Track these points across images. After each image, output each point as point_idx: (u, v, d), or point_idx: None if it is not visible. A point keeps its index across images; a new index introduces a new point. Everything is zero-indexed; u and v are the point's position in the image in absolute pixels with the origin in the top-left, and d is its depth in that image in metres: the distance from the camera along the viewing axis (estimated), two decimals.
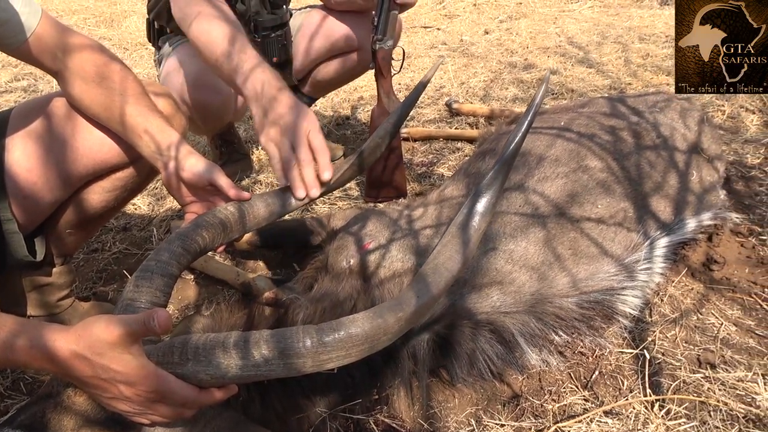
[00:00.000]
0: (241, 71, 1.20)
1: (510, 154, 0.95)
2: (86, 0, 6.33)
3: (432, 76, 1.30)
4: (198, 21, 1.32)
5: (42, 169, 1.19)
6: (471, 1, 4.79)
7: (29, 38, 1.11)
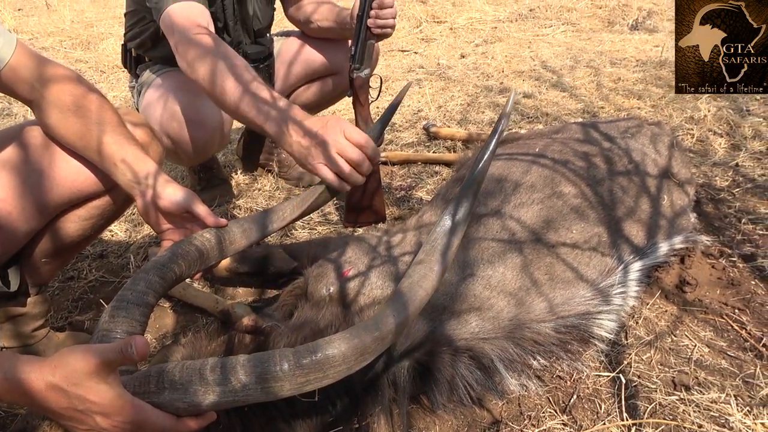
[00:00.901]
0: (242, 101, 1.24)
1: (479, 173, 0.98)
2: (62, 22, 6.30)
3: (401, 99, 1.34)
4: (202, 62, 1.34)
5: (17, 199, 1.18)
6: (447, 25, 4.88)
7: (3, 69, 1.11)
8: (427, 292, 0.91)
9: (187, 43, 1.39)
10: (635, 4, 4.92)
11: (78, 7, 7.59)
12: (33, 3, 8.18)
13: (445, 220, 0.97)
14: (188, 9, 1.47)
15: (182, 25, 1.43)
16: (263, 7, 1.92)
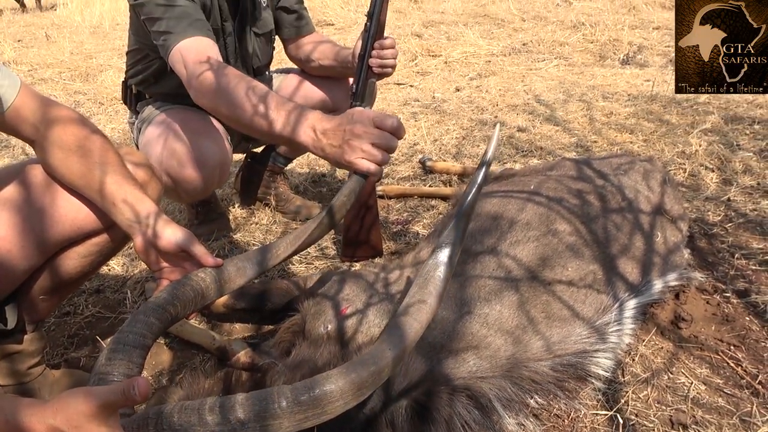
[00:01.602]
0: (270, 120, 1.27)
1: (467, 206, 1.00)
2: (61, 54, 6.38)
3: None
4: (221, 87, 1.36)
5: (17, 237, 1.19)
6: (442, 58, 4.96)
7: (7, 111, 1.13)
8: (421, 324, 0.92)
9: (201, 75, 1.40)
10: (626, 39, 5.03)
11: (77, 38, 7.70)
12: (33, 34, 8.29)
13: (436, 254, 0.98)
14: (197, 43, 1.50)
15: (193, 59, 1.45)
16: (263, 45, 1.96)
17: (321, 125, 1.19)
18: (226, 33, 1.82)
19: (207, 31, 1.56)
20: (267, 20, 1.93)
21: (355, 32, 6.69)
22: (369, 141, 1.13)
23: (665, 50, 4.79)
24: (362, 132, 1.13)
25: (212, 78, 1.38)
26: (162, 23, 1.55)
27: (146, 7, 1.58)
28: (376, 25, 1.73)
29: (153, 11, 1.57)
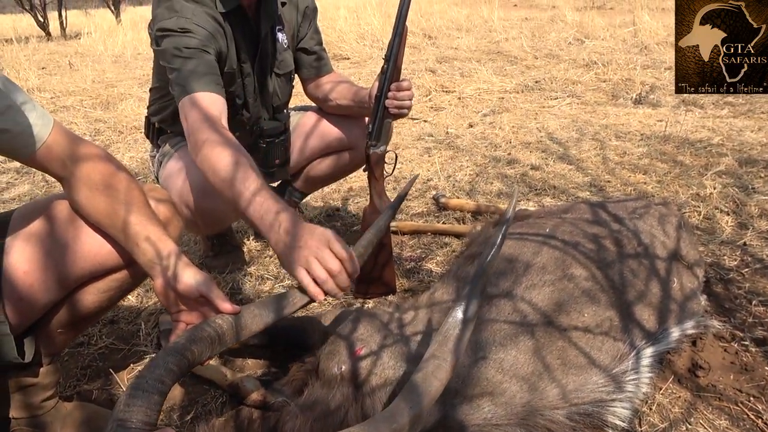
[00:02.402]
0: (244, 197, 1.29)
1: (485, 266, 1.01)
2: (83, 82, 6.53)
3: (408, 190, 1.39)
4: (206, 147, 1.41)
5: (39, 272, 1.21)
6: (456, 94, 5.03)
7: (40, 149, 1.16)
8: (441, 383, 0.92)
9: (194, 134, 1.50)
10: (638, 79, 5.07)
11: (99, 67, 7.89)
12: (57, 62, 8.51)
13: (456, 312, 0.99)
14: (201, 100, 1.57)
15: (193, 117, 1.54)
16: (283, 85, 2.01)
17: (286, 223, 1.22)
18: (244, 74, 1.87)
19: (215, 86, 1.64)
20: (287, 61, 1.98)
21: (370, 66, 6.80)
22: (316, 256, 1.15)
23: None
24: (314, 246, 1.15)
25: (200, 143, 1.46)
26: (176, 74, 1.63)
27: (164, 56, 1.67)
28: (393, 68, 1.76)
29: (170, 61, 1.65)
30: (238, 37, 1.80)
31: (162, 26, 1.65)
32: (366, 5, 10.38)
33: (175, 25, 1.64)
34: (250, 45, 1.86)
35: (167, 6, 1.68)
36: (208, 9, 1.71)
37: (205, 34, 1.66)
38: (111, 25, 14.06)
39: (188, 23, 1.64)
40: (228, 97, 1.76)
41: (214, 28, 1.69)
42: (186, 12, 1.66)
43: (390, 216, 1.39)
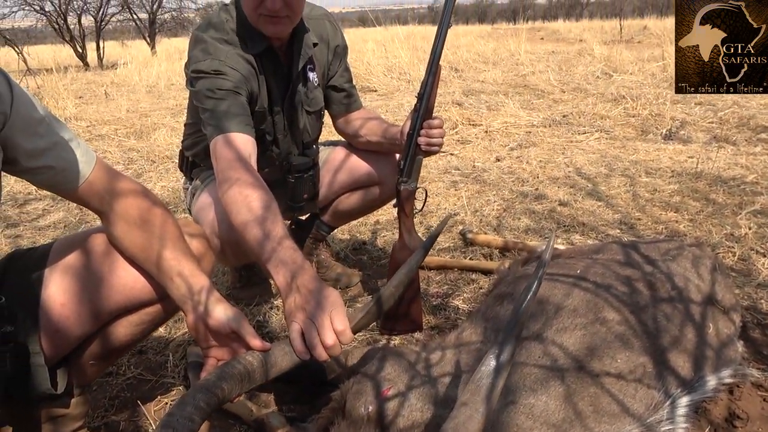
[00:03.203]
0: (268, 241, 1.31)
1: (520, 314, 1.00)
2: (118, 111, 6.74)
3: (441, 230, 1.39)
4: (233, 187, 1.46)
5: (75, 305, 1.23)
6: (482, 128, 5.05)
7: (82, 185, 1.20)
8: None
9: (223, 173, 1.55)
10: (668, 114, 5.04)
11: (134, 97, 8.13)
12: (93, 91, 8.81)
13: (489, 360, 0.97)
14: (231, 140, 1.62)
15: (224, 156, 1.59)
16: (313, 122, 2.04)
17: (298, 277, 1.22)
18: (275, 112, 1.91)
19: (246, 126, 1.68)
20: (318, 98, 2.02)
21: (397, 98, 6.89)
22: (317, 321, 1.14)
23: (708, 126, 4.77)
24: (318, 313, 1.15)
25: (228, 182, 1.50)
26: (208, 114, 1.68)
27: (198, 97, 1.72)
28: (426, 106, 1.79)
29: (204, 102, 1.70)
30: (269, 77, 1.85)
31: (197, 68, 1.71)
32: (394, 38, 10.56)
33: (209, 67, 1.69)
34: (282, 84, 1.90)
35: (202, 48, 1.74)
36: (240, 51, 1.76)
37: (237, 76, 1.71)
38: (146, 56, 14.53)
39: (222, 65, 1.69)
40: (258, 134, 1.80)
41: (246, 70, 1.75)
42: (220, 54, 1.72)
43: (422, 256, 1.39)
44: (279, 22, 1.73)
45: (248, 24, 1.77)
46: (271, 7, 1.66)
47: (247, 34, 1.78)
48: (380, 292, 1.25)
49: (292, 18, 1.75)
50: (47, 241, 2.92)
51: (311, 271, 1.25)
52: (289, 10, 1.70)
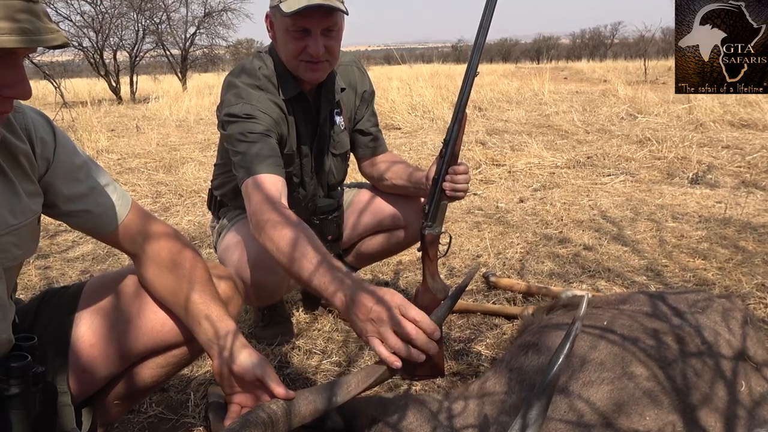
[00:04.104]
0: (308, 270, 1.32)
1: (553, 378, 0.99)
2: (149, 145, 6.91)
3: (469, 282, 1.37)
4: (268, 228, 1.47)
5: (104, 345, 1.26)
6: (506, 168, 5.06)
7: (118, 228, 1.23)
8: None
9: (257, 215, 1.55)
10: (694, 158, 5.00)
11: (164, 131, 8.35)
12: (125, 125, 9.08)
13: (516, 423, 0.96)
14: (263, 182, 1.65)
15: (256, 198, 1.61)
16: (339, 164, 2.08)
17: (352, 293, 1.22)
18: (302, 154, 1.96)
19: (277, 168, 1.71)
20: (344, 142, 2.06)
21: (421, 136, 6.96)
22: (389, 327, 1.14)
23: (736, 170, 4.72)
24: (384, 315, 1.14)
25: (263, 223, 1.51)
26: (240, 157, 1.73)
27: (230, 140, 1.77)
28: (452, 151, 1.80)
29: (235, 145, 1.75)
30: (298, 121, 1.90)
31: (229, 112, 1.77)
32: (418, 77, 10.74)
33: (241, 111, 1.75)
34: (310, 127, 1.95)
35: (235, 93, 1.80)
36: (272, 96, 1.82)
37: (268, 120, 1.76)
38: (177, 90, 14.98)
39: (253, 110, 1.75)
40: (286, 176, 1.84)
41: (277, 114, 1.80)
42: (251, 99, 1.77)
43: (449, 307, 1.37)
44: (319, 68, 1.79)
45: (282, 70, 1.83)
46: (314, 53, 1.72)
47: (281, 80, 1.84)
48: None
49: (331, 63, 1.81)
50: (76, 273, 2.99)
51: (356, 283, 1.23)
52: (329, 55, 1.76)
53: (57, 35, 0.84)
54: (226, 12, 16.80)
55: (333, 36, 1.75)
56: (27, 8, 0.80)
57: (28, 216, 1.10)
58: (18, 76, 0.87)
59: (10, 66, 0.85)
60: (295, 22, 1.71)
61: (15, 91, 0.87)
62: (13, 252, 1.09)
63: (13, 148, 1.05)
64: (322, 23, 1.71)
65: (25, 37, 0.79)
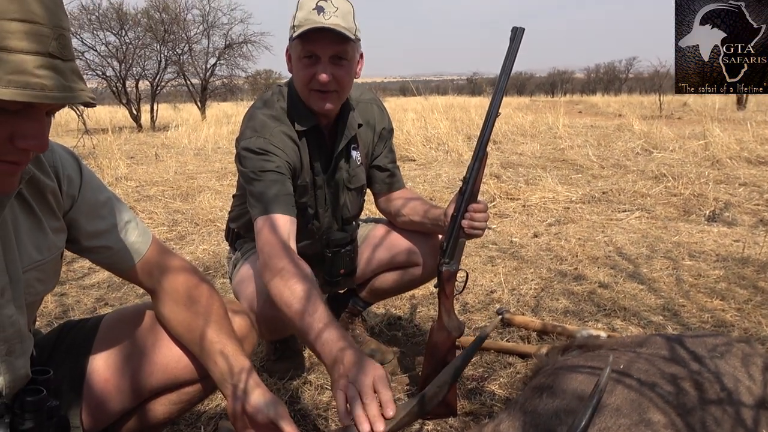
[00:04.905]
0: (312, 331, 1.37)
1: None
2: (167, 173, 7.01)
3: (490, 332, 1.36)
4: (277, 278, 1.54)
5: (118, 380, 1.26)
6: (520, 202, 5.06)
7: (138, 263, 1.25)
8: None
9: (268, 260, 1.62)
10: (711, 195, 4.96)
11: (182, 159, 8.47)
12: (144, 152, 9.23)
13: None
14: (273, 223, 1.71)
15: (265, 238, 1.67)
16: (354, 198, 2.09)
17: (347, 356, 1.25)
18: (317, 186, 1.98)
19: (287, 207, 1.76)
20: (359, 176, 2.08)
21: (435, 168, 7.00)
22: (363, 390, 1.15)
23: (754, 208, 4.67)
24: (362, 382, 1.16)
25: (272, 270, 1.58)
26: (252, 193, 1.78)
27: (244, 177, 1.83)
28: (471, 189, 1.82)
29: (249, 183, 1.80)
30: (313, 153, 1.93)
31: (244, 145, 1.82)
32: (433, 109, 10.85)
33: (254, 145, 1.80)
34: (324, 160, 1.98)
35: (251, 126, 1.86)
36: (286, 128, 1.86)
37: (281, 154, 1.81)
38: (196, 119, 15.25)
39: (267, 144, 1.80)
40: (300, 207, 1.88)
41: (290, 147, 1.85)
42: (265, 132, 1.82)
43: (469, 356, 1.36)
44: (328, 98, 1.82)
45: (298, 102, 1.87)
46: (321, 79, 1.75)
47: (296, 112, 1.88)
48: (424, 392, 1.24)
49: (340, 94, 1.84)
50: (92, 300, 3.01)
51: (356, 353, 1.26)
52: (337, 84, 1.79)
53: (78, 94, 0.84)
54: (246, 44, 17.19)
55: (343, 65, 1.78)
56: (50, 64, 0.80)
57: (53, 252, 1.12)
58: (36, 129, 0.86)
59: (31, 118, 0.85)
60: (305, 47, 1.76)
61: (29, 143, 0.86)
62: (37, 287, 1.11)
63: (42, 186, 1.07)
64: (330, 49, 1.74)
65: (39, 93, 0.78)
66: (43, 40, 0.79)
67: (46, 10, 0.80)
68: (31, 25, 0.78)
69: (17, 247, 1.04)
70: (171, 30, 16.10)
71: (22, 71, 0.77)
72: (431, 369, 1.86)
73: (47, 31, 0.80)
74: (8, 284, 1.02)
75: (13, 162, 0.89)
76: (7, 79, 0.76)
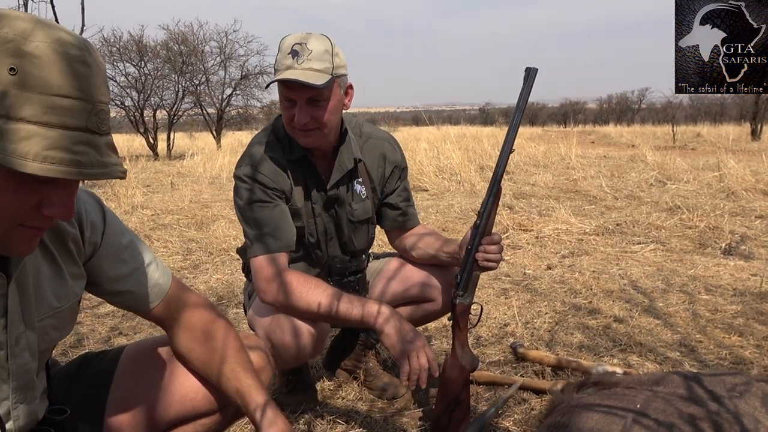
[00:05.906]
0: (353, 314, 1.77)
1: None
2: (182, 201, 7.09)
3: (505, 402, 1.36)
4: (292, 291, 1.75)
5: (135, 413, 1.27)
6: (533, 233, 5.05)
7: (157, 306, 1.26)
8: None
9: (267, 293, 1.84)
10: (727, 227, 4.92)
11: (197, 187, 8.58)
12: (160, 181, 9.36)
13: None
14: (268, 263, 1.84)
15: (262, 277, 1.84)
16: (360, 231, 2.11)
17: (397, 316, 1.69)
18: (315, 214, 2.01)
19: (282, 244, 1.87)
20: (362, 210, 2.09)
21: (447, 199, 7.02)
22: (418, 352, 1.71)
23: None
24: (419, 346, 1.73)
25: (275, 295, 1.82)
26: (248, 229, 1.89)
27: (239, 212, 1.93)
28: (485, 222, 1.83)
29: (243, 217, 1.90)
30: (308, 181, 2.00)
31: (236, 173, 1.93)
32: (445, 139, 10.92)
33: (243, 173, 1.90)
34: (318, 190, 2.00)
35: (248, 153, 1.95)
36: (276, 155, 1.93)
37: (269, 183, 1.89)
38: (212, 148, 15.47)
39: (254, 173, 1.88)
40: (299, 233, 1.96)
41: (279, 175, 1.92)
42: (254, 159, 1.91)
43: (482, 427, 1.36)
44: (310, 135, 1.87)
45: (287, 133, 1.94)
46: (299, 122, 1.81)
47: (287, 141, 1.94)
48: None
49: (323, 130, 1.87)
50: (106, 329, 3.03)
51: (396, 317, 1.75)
52: (317, 123, 1.84)
53: (112, 169, 0.84)
54: (261, 74, 17.51)
55: (321, 106, 1.82)
56: (87, 140, 0.80)
57: (71, 299, 1.13)
58: (64, 198, 0.86)
59: (61, 187, 0.86)
60: (282, 92, 1.84)
61: (54, 211, 0.87)
62: (52, 335, 1.12)
63: (63, 233, 1.09)
64: (304, 95, 1.79)
65: (73, 169, 0.78)
66: (83, 116, 0.80)
67: (88, 84, 0.81)
68: (73, 101, 0.79)
69: (38, 295, 1.06)
70: (189, 61, 16.48)
71: (60, 147, 0.78)
72: (445, 404, 1.85)
73: (88, 106, 0.81)
74: (23, 332, 1.04)
75: (37, 227, 0.89)
76: (44, 155, 0.76)
